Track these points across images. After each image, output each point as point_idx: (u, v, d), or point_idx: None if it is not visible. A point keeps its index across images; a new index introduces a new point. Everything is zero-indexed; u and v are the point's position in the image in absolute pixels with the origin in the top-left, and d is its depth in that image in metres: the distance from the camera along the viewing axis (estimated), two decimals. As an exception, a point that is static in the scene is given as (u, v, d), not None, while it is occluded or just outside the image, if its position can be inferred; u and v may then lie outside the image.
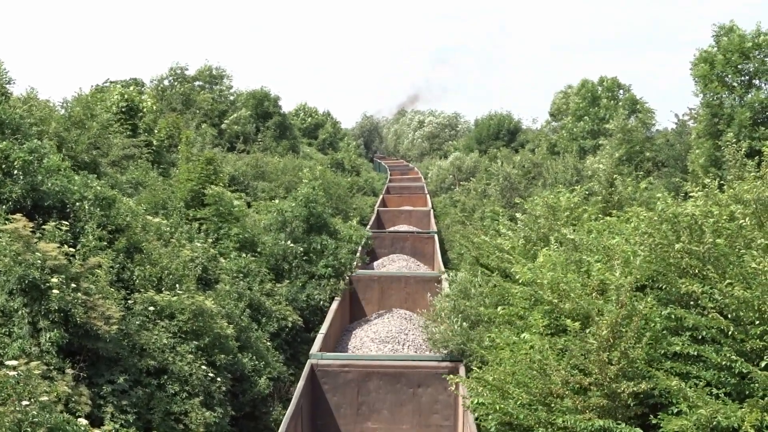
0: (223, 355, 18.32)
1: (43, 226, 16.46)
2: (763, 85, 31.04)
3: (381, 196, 63.41)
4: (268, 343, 22.64)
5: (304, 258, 28.46)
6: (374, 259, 39.75)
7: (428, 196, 65.30)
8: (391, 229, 49.80)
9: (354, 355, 23.95)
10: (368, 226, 44.49)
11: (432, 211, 54.95)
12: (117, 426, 14.13)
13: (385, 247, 42.05)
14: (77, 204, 18.40)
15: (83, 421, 12.62)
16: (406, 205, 61.80)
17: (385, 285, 31.26)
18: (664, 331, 12.74)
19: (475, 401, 13.64)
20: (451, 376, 16.74)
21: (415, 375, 21.15)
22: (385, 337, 26.38)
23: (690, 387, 11.29)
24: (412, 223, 52.01)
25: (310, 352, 21.88)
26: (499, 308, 16.08)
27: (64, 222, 16.99)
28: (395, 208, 59.20)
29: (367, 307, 31.08)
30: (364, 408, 21.40)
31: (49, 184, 18.12)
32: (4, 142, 18.27)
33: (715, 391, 11.48)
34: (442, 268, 32.25)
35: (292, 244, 28.36)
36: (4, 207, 17.16)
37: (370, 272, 33.56)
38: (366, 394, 21.38)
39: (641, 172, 34.88)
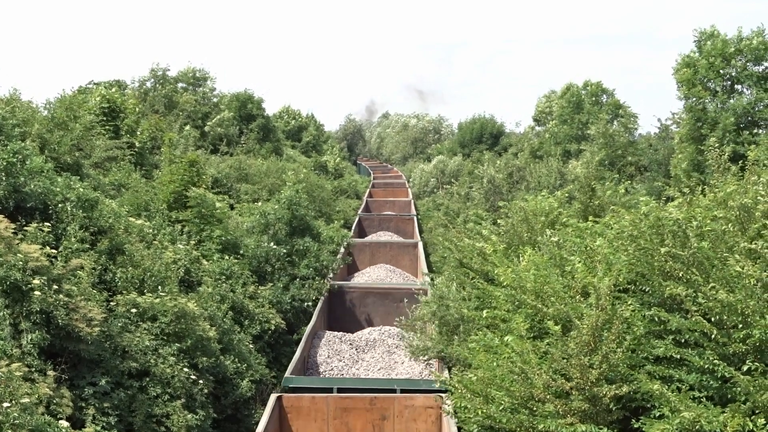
0: (205, 358, 18.26)
1: (25, 228, 16.38)
2: (745, 90, 31.22)
3: (368, 190, 73.14)
4: (251, 346, 22.58)
5: (287, 260, 28.46)
6: (365, 236, 48.87)
7: (409, 189, 75.77)
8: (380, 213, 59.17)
9: (357, 282, 33.87)
10: (359, 211, 55.50)
11: (412, 201, 64.11)
12: (98, 428, 14.08)
13: (374, 227, 52.21)
14: (60, 205, 18.30)
15: (65, 423, 12.58)
16: (390, 197, 71.83)
17: (374, 249, 41.32)
18: (647, 335, 12.74)
19: (457, 403, 13.63)
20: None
21: (398, 294, 29.79)
22: (376, 278, 35.66)
23: (672, 391, 11.30)
24: (396, 210, 61.23)
25: (326, 282, 29.41)
26: (485, 312, 16.04)
27: (46, 223, 16.91)
28: (381, 198, 68.75)
29: (360, 266, 39.52)
30: (364, 316, 30.43)
31: (32, 186, 17.98)
32: (-14, 143, 18.18)
33: (697, 395, 11.49)
34: (419, 239, 42.41)
35: (275, 246, 28.35)
36: (-15, 208, 17.05)
37: (362, 240, 43.89)
38: (365, 306, 30.66)
39: (620, 176, 34.94)
